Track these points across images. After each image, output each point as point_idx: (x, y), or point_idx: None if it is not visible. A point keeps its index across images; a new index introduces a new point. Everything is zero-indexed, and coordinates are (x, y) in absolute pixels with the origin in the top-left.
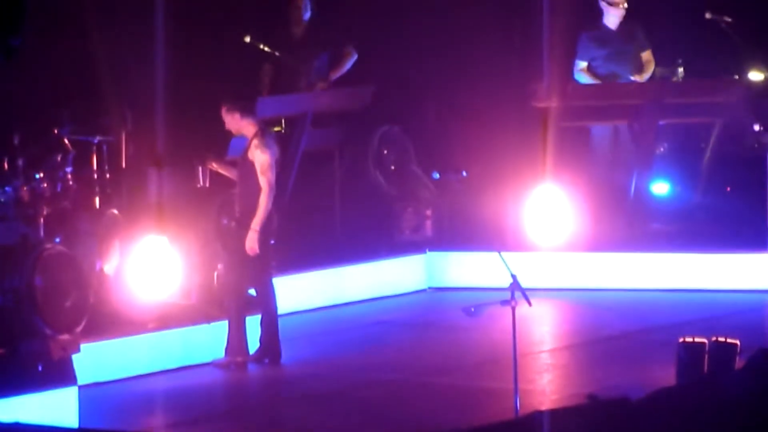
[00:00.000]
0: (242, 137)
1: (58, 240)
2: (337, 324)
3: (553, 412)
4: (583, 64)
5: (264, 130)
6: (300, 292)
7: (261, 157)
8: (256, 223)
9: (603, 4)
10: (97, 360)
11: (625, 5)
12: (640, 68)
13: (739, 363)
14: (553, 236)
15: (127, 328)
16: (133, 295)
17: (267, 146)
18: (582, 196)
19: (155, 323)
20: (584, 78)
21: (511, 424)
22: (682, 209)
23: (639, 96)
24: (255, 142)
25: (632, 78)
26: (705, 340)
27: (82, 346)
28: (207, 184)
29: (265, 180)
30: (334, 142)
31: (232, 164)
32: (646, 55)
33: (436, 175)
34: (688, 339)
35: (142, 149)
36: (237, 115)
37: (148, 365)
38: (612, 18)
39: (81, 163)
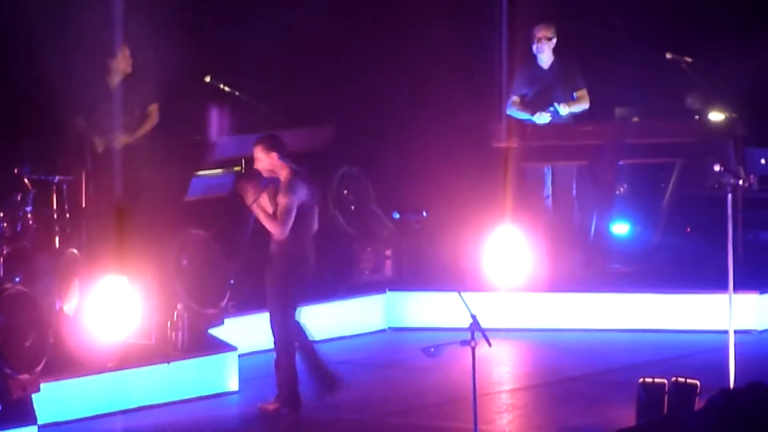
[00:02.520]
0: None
1: (17, 279)
2: (297, 364)
3: None
4: (516, 99)
5: (296, 171)
6: (259, 331)
7: (282, 200)
8: (253, 204)
9: (533, 46)
10: (56, 399)
11: (551, 41)
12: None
13: (698, 404)
14: (512, 277)
15: (86, 368)
16: (93, 334)
17: (292, 190)
18: (541, 236)
19: (115, 363)
20: (514, 111)
21: None
22: (642, 250)
23: (599, 136)
24: (283, 184)
25: (558, 106)
26: (665, 381)
27: (42, 385)
28: None
29: (276, 224)
30: None
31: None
32: (580, 94)
33: (396, 216)
34: (648, 379)
35: (101, 189)
36: (275, 155)
37: (108, 405)
38: (541, 55)
39: (41, 203)
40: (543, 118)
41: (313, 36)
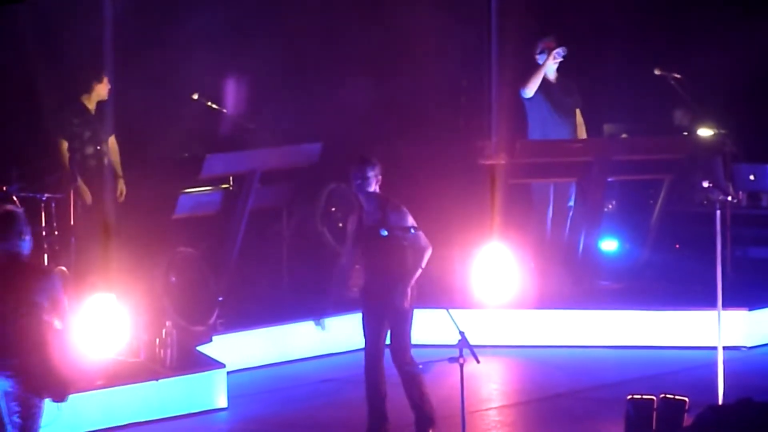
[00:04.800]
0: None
1: None
2: (285, 381)
3: None
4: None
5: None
6: (247, 349)
7: (409, 218)
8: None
9: (539, 57)
10: (45, 417)
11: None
12: (575, 127)
13: (687, 420)
14: (500, 293)
15: (75, 385)
16: (82, 351)
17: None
18: (529, 253)
19: (103, 380)
20: (530, 84)
21: None
22: (630, 266)
23: (587, 153)
24: (392, 205)
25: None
26: (653, 398)
27: None
28: None
29: (424, 242)
30: (282, 200)
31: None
32: (579, 115)
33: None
34: (637, 396)
35: (90, 207)
36: (380, 177)
37: (97, 422)
38: (552, 66)
39: (29, 221)
40: (559, 54)
41: (300, 54)
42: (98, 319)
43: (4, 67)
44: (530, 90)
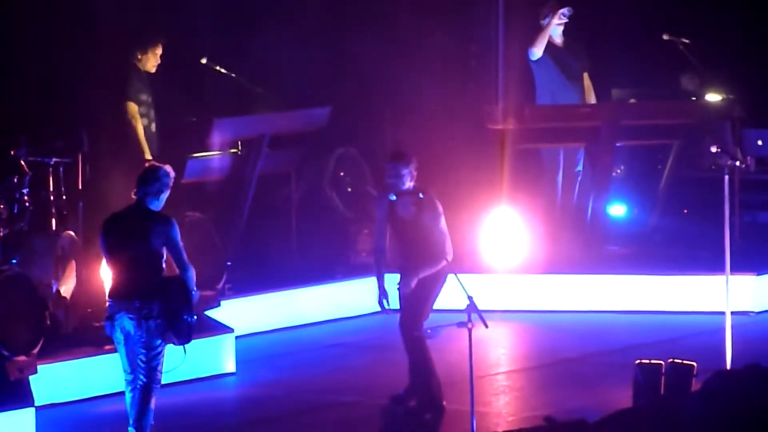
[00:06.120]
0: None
1: (14, 261)
2: (294, 346)
3: None
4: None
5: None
6: (257, 313)
7: (442, 218)
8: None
9: (544, 21)
10: (54, 381)
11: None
12: (583, 91)
13: (695, 385)
14: (509, 258)
15: (83, 350)
16: (90, 316)
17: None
18: (538, 218)
19: (111, 345)
20: (538, 44)
21: None
22: (639, 231)
23: (596, 118)
24: (429, 200)
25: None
26: (662, 362)
27: (39, 367)
28: None
29: (448, 242)
30: (291, 165)
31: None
32: (587, 78)
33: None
34: (645, 361)
35: (98, 171)
36: (415, 173)
37: (105, 387)
38: (558, 29)
39: (37, 185)
40: (564, 15)
41: (308, 17)
42: (107, 284)
43: (14, 32)
44: (537, 50)
